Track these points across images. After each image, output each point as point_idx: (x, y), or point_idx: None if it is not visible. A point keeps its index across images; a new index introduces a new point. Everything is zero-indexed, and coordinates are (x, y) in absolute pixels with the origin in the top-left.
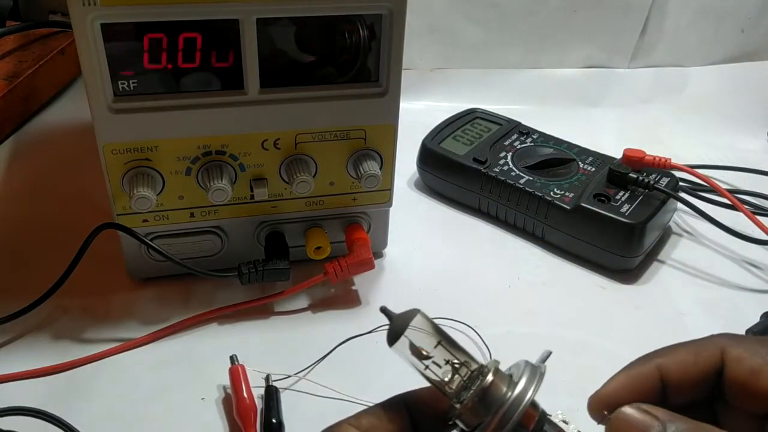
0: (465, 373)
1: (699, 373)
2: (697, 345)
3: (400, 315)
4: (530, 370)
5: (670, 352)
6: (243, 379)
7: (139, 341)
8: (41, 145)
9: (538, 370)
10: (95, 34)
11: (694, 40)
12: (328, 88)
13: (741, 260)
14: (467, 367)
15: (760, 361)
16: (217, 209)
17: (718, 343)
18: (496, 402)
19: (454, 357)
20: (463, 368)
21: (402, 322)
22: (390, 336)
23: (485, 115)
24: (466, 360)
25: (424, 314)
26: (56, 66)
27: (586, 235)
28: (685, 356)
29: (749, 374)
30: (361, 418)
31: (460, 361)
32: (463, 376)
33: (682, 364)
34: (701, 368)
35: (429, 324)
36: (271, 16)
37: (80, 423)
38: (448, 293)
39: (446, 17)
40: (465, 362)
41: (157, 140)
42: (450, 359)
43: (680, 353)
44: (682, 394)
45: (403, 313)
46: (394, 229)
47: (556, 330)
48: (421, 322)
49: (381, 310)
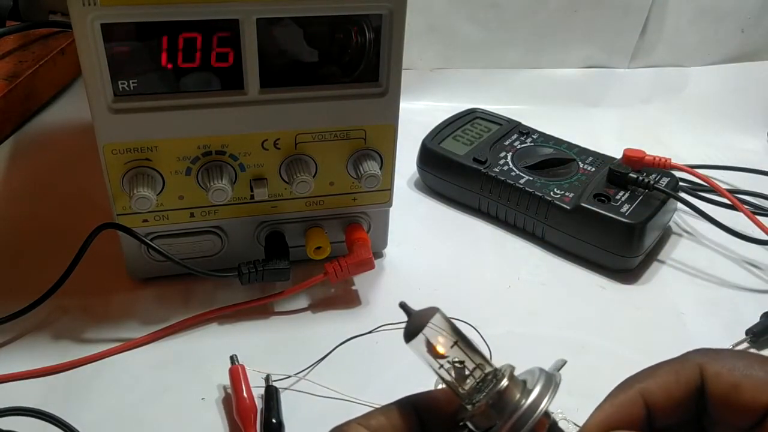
0: (479, 376)
1: (681, 393)
2: (675, 365)
3: (419, 312)
4: (546, 378)
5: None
6: (243, 379)
7: (139, 341)
8: (41, 145)
9: (554, 379)
10: (95, 34)
11: (694, 40)
12: (328, 88)
13: (741, 260)
14: (481, 370)
15: (738, 375)
16: (217, 209)
17: (696, 360)
18: (510, 407)
19: (470, 358)
20: (477, 370)
21: (421, 319)
22: (407, 332)
23: (485, 115)
24: (481, 362)
25: (443, 313)
26: (56, 66)
27: (586, 235)
28: (666, 378)
29: (730, 389)
30: (370, 418)
31: (475, 363)
32: (477, 378)
33: (663, 386)
34: (683, 388)
35: (447, 323)
36: (271, 16)
37: (80, 423)
38: (448, 293)
39: (446, 17)
40: (480, 365)
41: (157, 140)
42: (465, 360)
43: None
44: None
45: (422, 310)
46: (394, 229)
47: (555, 330)
48: (439, 321)
49: (400, 305)
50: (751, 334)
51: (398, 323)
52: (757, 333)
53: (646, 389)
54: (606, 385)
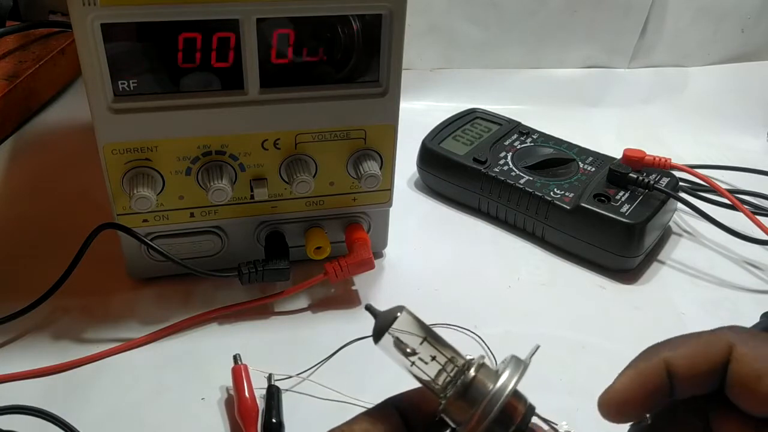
0: (451, 369)
1: (708, 367)
2: (706, 339)
3: (384, 312)
4: (514, 363)
5: (678, 346)
6: (246, 379)
7: (139, 341)
8: (41, 145)
9: (522, 363)
10: (95, 34)
11: (694, 40)
12: (328, 88)
13: (741, 260)
14: (453, 363)
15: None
16: (217, 209)
17: (728, 338)
18: (480, 396)
19: (440, 353)
20: (449, 364)
21: (386, 319)
22: (375, 333)
23: (485, 115)
24: (453, 356)
25: (409, 311)
26: (56, 66)
27: (586, 235)
28: (694, 350)
29: (753, 377)
30: (354, 423)
31: (447, 357)
32: (449, 371)
33: (690, 359)
34: (710, 363)
35: (414, 321)
36: (271, 16)
37: (80, 423)
38: (448, 293)
39: (446, 17)
40: (451, 358)
41: (157, 140)
42: (436, 355)
43: (689, 346)
44: (689, 388)
45: (387, 310)
46: (394, 229)
47: (555, 330)
48: (405, 319)
49: (366, 308)
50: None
51: None
52: None
53: (670, 359)
54: (606, 385)
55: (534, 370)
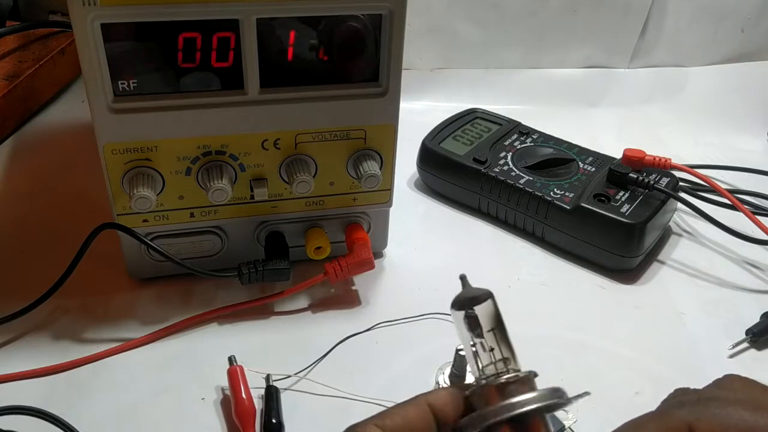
0: (501, 368)
1: None
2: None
3: (473, 289)
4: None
5: None
6: (241, 380)
7: (139, 341)
8: (41, 145)
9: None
10: (95, 34)
11: (694, 40)
12: (328, 88)
13: (741, 260)
14: (505, 364)
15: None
16: (217, 209)
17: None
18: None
19: (500, 349)
20: (501, 363)
21: (472, 296)
22: (456, 301)
23: (485, 115)
24: (509, 357)
25: (495, 301)
26: (56, 66)
27: (586, 235)
28: None
29: None
30: (385, 417)
31: (503, 356)
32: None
33: None
34: None
35: (493, 312)
36: (271, 16)
37: (80, 423)
38: (448, 293)
39: (446, 17)
40: (506, 358)
41: (157, 140)
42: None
43: None
44: None
45: (477, 288)
46: (394, 229)
47: (555, 330)
48: (487, 306)
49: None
50: (751, 334)
51: (395, 321)
52: (757, 333)
53: None
54: (606, 385)
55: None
